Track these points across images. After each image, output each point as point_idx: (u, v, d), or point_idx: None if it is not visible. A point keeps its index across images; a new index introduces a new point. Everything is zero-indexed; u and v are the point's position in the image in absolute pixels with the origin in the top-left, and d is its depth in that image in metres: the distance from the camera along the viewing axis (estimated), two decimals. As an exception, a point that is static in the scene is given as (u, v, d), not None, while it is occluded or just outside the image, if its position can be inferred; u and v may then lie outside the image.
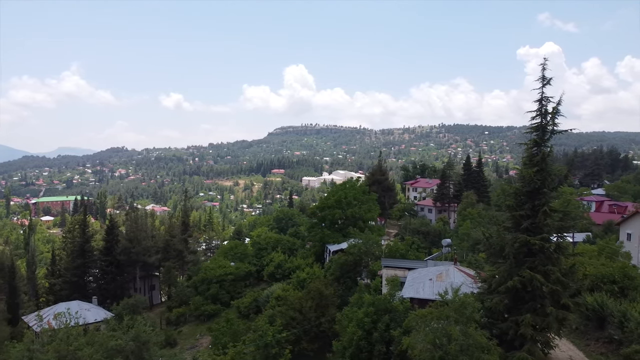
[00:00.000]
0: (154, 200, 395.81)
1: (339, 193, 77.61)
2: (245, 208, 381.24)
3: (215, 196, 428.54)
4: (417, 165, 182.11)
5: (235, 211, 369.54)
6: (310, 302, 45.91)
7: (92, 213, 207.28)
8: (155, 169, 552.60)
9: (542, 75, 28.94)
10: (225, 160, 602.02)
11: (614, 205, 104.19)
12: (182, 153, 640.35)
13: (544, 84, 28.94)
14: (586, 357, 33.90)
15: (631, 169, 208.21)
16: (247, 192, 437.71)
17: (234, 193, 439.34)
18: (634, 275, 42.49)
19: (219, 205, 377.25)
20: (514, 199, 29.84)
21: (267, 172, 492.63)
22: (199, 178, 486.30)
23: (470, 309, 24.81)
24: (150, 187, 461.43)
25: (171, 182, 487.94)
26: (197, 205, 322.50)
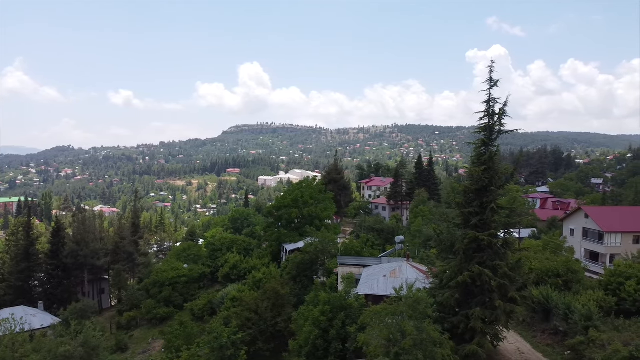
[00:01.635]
0: (102, 201, 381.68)
1: (295, 192, 77.62)
2: (198, 208, 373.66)
3: (167, 196, 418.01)
4: (372, 165, 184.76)
5: (188, 212, 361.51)
6: (266, 302, 45.71)
7: (36, 215, 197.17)
8: (103, 168, 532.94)
9: (490, 77, 30.01)
10: (177, 159, 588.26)
11: (557, 202, 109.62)
12: (132, 152, 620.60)
13: (491, 86, 30.02)
14: (533, 348, 35.47)
15: (573, 168, 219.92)
16: (200, 192, 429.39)
17: (187, 193, 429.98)
18: (577, 269, 44.88)
19: (171, 206, 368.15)
20: (463, 196, 30.81)
21: (221, 171, 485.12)
22: (150, 178, 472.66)
23: (423, 305, 25.41)
24: (99, 187, 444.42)
25: (120, 182, 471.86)
26: (148, 206, 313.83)
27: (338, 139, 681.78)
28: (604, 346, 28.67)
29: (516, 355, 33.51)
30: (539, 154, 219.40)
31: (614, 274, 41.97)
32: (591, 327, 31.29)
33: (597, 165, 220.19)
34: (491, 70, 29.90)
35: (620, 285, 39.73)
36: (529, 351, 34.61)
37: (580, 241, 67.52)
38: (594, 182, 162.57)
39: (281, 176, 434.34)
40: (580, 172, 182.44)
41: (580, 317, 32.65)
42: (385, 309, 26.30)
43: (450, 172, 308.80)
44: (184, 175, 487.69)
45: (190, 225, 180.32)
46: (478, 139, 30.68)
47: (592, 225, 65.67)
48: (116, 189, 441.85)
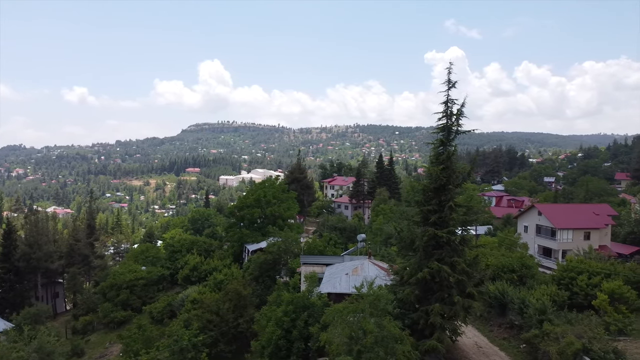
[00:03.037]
0: (55, 202, 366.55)
1: (258, 192, 77.18)
2: (157, 209, 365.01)
3: (123, 197, 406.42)
4: (334, 164, 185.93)
5: (146, 212, 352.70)
6: (227, 304, 45.32)
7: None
8: (56, 168, 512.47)
9: (448, 79, 30.67)
10: (134, 158, 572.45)
11: (512, 200, 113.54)
12: (86, 151, 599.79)
13: (449, 87, 30.70)
14: (490, 342, 36.59)
15: (527, 167, 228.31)
16: (159, 192, 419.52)
17: (145, 193, 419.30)
18: (531, 265, 46.60)
19: (127, 207, 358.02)
20: (422, 195, 31.40)
21: (181, 170, 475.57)
22: (106, 178, 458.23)
23: (384, 301, 25.72)
24: (52, 187, 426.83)
25: (75, 182, 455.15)
26: (103, 207, 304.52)
27: (301, 138, 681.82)
28: (557, 339, 29.78)
29: (474, 349, 34.47)
30: (495, 154, 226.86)
31: (566, 269, 43.80)
32: (545, 320, 32.38)
33: (549, 164, 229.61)
34: (449, 72, 30.55)
35: (572, 280, 41.48)
36: (486, 345, 35.67)
37: (534, 237, 70.19)
38: (546, 181, 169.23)
39: (243, 176, 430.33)
40: (534, 171, 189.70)
41: (534, 311, 33.78)
42: (346, 307, 26.47)
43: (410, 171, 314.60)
44: (142, 175, 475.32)
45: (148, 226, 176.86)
46: (436, 139, 31.32)
47: (545, 222, 68.37)
48: (70, 190, 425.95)
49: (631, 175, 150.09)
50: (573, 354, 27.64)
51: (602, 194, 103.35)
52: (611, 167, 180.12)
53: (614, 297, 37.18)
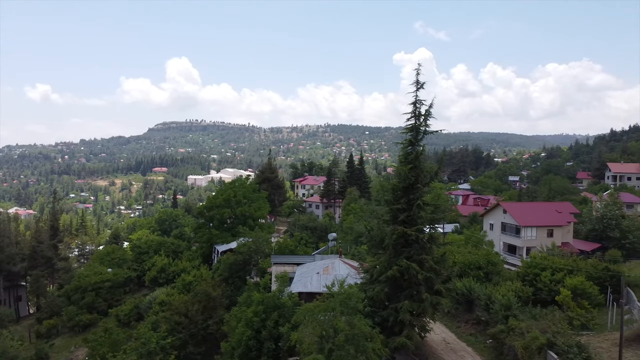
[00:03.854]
0: (17, 203, 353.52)
1: (228, 192, 76.41)
2: (123, 210, 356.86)
3: (88, 197, 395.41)
4: (305, 163, 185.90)
5: (111, 213, 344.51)
6: (197, 305, 44.85)
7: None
8: (18, 167, 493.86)
9: (416, 80, 31.17)
10: (99, 158, 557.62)
11: (478, 198, 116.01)
12: (49, 150, 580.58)
13: (417, 88, 31.20)
14: (458, 338, 37.33)
15: (492, 166, 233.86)
16: (125, 193, 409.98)
17: (110, 194, 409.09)
18: (496, 262, 47.77)
19: (92, 208, 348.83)
20: (391, 194, 31.80)
21: (147, 170, 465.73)
22: (70, 178, 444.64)
23: (355, 300, 25.90)
24: (13, 188, 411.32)
25: (37, 183, 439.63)
26: (67, 208, 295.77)
27: (271, 137, 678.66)
28: (522, 334, 30.62)
29: (442, 345, 35.09)
30: (461, 153, 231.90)
31: (530, 266, 45.11)
32: (510, 316, 33.22)
33: (514, 163, 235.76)
34: (418, 73, 31.08)
35: (536, 276, 42.75)
36: (453, 341, 36.37)
37: (499, 235, 71.90)
38: (511, 180, 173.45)
39: (212, 175, 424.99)
40: (499, 170, 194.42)
41: (500, 307, 34.61)
42: (318, 306, 26.52)
43: (380, 170, 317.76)
44: (107, 174, 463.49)
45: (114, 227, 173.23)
46: (405, 139, 31.80)
47: (509, 220, 70.12)
48: (32, 190, 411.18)
49: (592, 175, 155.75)
50: (538, 348, 28.47)
51: (565, 192, 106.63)
52: (573, 166, 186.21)
53: (577, 293, 38.42)
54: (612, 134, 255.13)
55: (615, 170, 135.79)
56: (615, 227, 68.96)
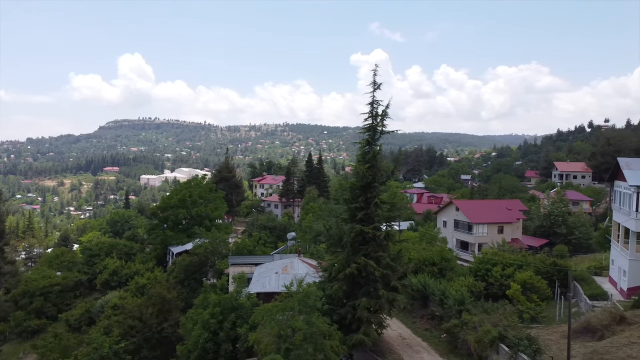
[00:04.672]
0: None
1: (183, 191, 75.30)
2: (72, 211, 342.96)
3: (35, 198, 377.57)
4: (264, 163, 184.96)
5: (60, 214, 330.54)
6: (151, 308, 43.97)
7: None
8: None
9: (373, 81, 31.60)
10: (47, 157, 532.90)
11: (432, 196, 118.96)
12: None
13: (374, 89, 31.64)
14: (413, 333, 38.08)
15: (445, 165, 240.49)
16: (74, 193, 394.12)
17: (59, 194, 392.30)
18: (450, 258, 49.10)
19: (40, 209, 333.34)
20: (349, 193, 32.12)
21: (98, 170, 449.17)
22: (16, 178, 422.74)
23: (313, 298, 25.97)
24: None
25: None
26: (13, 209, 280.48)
27: (229, 136, 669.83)
28: (475, 328, 31.58)
29: (398, 341, 35.72)
30: (416, 153, 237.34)
31: (482, 261, 46.66)
32: (464, 310, 34.16)
33: (466, 163, 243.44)
34: (375, 74, 31.52)
35: (487, 272, 44.25)
36: (409, 336, 37.09)
37: (452, 232, 74.03)
38: (463, 178, 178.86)
39: (167, 175, 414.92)
40: (452, 169, 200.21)
41: (454, 302, 35.55)
42: (276, 306, 26.43)
43: (338, 170, 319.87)
44: (55, 174, 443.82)
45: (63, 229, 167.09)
46: (363, 138, 32.19)
47: (462, 218, 72.31)
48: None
49: (540, 173, 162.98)
50: (490, 341, 29.45)
51: (514, 190, 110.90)
52: (522, 165, 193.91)
53: (526, 287, 40.02)
54: (558, 134, 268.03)
55: (562, 169, 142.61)
56: (562, 224, 72.40)
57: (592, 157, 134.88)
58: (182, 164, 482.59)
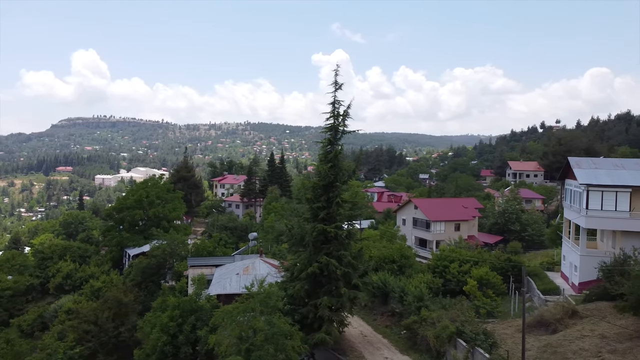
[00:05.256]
0: None
1: (139, 192, 73.54)
2: (23, 212, 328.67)
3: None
4: (225, 162, 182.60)
5: (10, 216, 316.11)
6: (107, 312, 42.90)
7: None
8: None
9: (335, 81, 31.84)
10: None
11: (391, 195, 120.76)
12: None
13: (336, 89, 31.88)
14: (374, 330, 38.54)
15: (404, 165, 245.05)
16: (25, 194, 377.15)
17: (9, 195, 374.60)
18: (409, 255, 49.98)
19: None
20: (312, 192, 32.20)
21: (50, 170, 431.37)
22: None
23: (275, 299, 25.87)
24: None
25: None
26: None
27: (188, 135, 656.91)
28: (434, 323, 32.26)
29: (359, 339, 36.08)
30: (376, 153, 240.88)
31: (439, 258, 47.72)
32: (423, 307, 34.84)
33: (424, 162, 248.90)
34: (336, 74, 31.77)
35: (445, 268, 45.31)
36: (370, 334, 37.52)
37: (411, 230, 75.42)
38: (421, 177, 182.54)
39: (122, 175, 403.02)
40: (410, 169, 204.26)
41: (413, 299, 36.21)
42: (237, 307, 26.16)
43: (301, 169, 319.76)
44: (5, 174, 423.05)
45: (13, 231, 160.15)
46: (325, 138, 32.37)
47: (420, 216, 73.77)
48: None
49: (494, 172, 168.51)
50: (448, 337, 30.15)
51: (470, 189, 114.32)
52: (477, 164, 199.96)
53: (482, 283, 41.23)
54: (512, 134, 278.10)
55: (515, 168, 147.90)
56: (516, 221, 75.02)
57: (544, 156, 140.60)
58: (139, 163, 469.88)
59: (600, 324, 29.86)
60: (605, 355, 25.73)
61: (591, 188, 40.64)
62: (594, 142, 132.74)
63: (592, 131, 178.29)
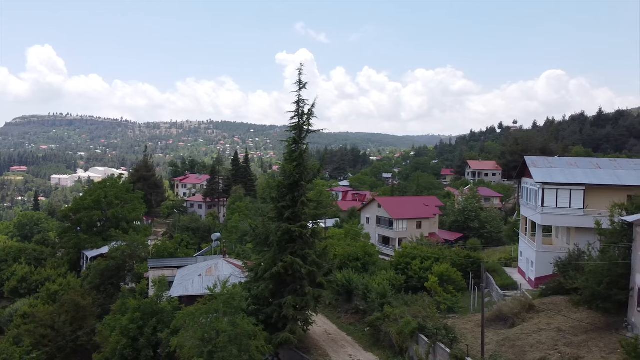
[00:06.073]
0: None
1: (98, 192, 71.97)
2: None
3: None
4: (187, 161, 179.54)
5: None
6: (64, 316, 41.74)
7: None
8: None
9: (299, 80, 31.88)
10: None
11: (356, 194, 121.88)
12: None
13: (300, 88, 31.92)
14: (338, 328, 38.80)
15: (368, 164, 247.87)
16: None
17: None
18: (372, 253, 50.57)
19: None
20: (277, 191, 32.14)
21: (4, 169, 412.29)
22: None
23: (238, 299, 25.67)
24: None
25: None
26: None
27: (148, 133, 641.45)
28: (396, 320, 32.70)
29: (324, 337, 36.24)
30: (341, 152, 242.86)
31: (402, 255, 48.49)
32: (386, 303, 35.24)
33: (387, 162, 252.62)
34: (300, 73, 31.83)
35: (407, 265, 46.05)
36: (334, 331, 37.75)
37: (375, 228, 76.36)
38: (385, 177, 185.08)
39: (80, 174, 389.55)
40: (374, 168, 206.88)
41: (376, 296, 36.62)
42: (199, 309, 25.82)
43: (265, 168, 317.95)
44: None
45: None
46: (290, 137, 32.36)
47: (384, 214, 74.79)
48: None
49: (454, 171, 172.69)
50: (410, 332, 30.66)
51: (431, 187, 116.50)
52: (438, 164, 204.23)
53: (443, 279, 42.07)
54: (471, 134, 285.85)
55: (474, 167, 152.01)
56: (475, 219, 77.10)
57: (501, 156, 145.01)
58: (97, 162, 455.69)
59: (556, 318, 30.95)
60: (561, 348, 26.63)
61: (546, 186, 42.19)
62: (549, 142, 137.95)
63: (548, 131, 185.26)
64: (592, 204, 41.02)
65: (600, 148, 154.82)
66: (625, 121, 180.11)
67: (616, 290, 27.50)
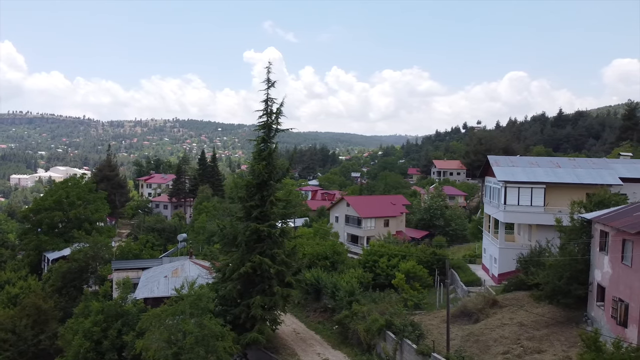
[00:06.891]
0: None
1: (59, 192, 70.27)
2: None
3: None
4: (152, 161, 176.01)
5: None
6: (25, 320, 40.57)
7: None
8: None
9: (268, 78, 31.81)
10: None
11: (325, 193, 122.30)
12: None
13: (268, 86, 31.85)
14: (307, 327, 38.90)
15: (337, 163, 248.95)
16: None
17: None
18: (341, 251, 50.88)
19: None
20: (245, 191, 31.95)
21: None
22: None
23: (205, 300, 25.39)
24: None
25: None
26: None
27: (111, 132, 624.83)
28: (364, 317, 33.03)
29: (292, 336, 36.28)
30: (310, 152, 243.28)
31: (370, 253, 48.99)
32: (354, 301, 35.54)
33: (355, 161, 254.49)
34: (268, 72, 31.77)
35: (375, 263, 46.55)
36: (303, 330, 37.84)
37: (344, 226, 76.86)
38: (353, 176, 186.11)
39: (40, 174, 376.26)
40: (343, 168, 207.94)
41: (344, 294, 36.86)
42: (165, 311, 25.41)
43: (234, 168, 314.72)
44: None
45: None
46: (259, 136, 32.25)
47: (352, 213, 75.35)
48: None
49: (420, 170, 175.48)
50: (377, 329, 31.04)
51: (398, 186, 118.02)
52: (405, 163, 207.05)
53: (410, 276, 42.73)
54: (437, 134, 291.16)
55: (440, 166, 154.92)
56: (440, 217, 78.62)
57: (466, 155, 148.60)
58: (58, 162, 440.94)
59: (519, 313, 31.87)
60: (524, 342, 27.39)
61: (509, 185, 43.37)
62: (511, 142, 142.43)
63: (510, 131, 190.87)
64: (553, 202, 42.32)
65: (561, 148, 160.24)
66: (584, 122, 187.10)
67: (576, 285, 28.48)
